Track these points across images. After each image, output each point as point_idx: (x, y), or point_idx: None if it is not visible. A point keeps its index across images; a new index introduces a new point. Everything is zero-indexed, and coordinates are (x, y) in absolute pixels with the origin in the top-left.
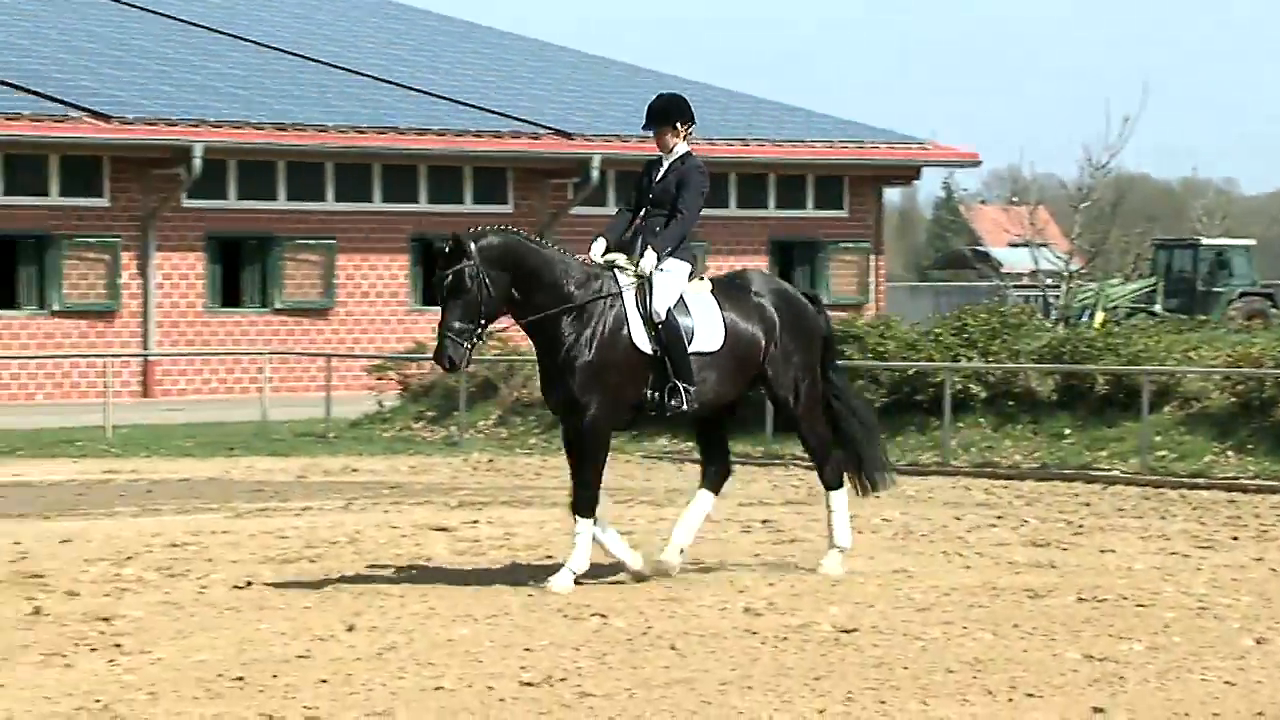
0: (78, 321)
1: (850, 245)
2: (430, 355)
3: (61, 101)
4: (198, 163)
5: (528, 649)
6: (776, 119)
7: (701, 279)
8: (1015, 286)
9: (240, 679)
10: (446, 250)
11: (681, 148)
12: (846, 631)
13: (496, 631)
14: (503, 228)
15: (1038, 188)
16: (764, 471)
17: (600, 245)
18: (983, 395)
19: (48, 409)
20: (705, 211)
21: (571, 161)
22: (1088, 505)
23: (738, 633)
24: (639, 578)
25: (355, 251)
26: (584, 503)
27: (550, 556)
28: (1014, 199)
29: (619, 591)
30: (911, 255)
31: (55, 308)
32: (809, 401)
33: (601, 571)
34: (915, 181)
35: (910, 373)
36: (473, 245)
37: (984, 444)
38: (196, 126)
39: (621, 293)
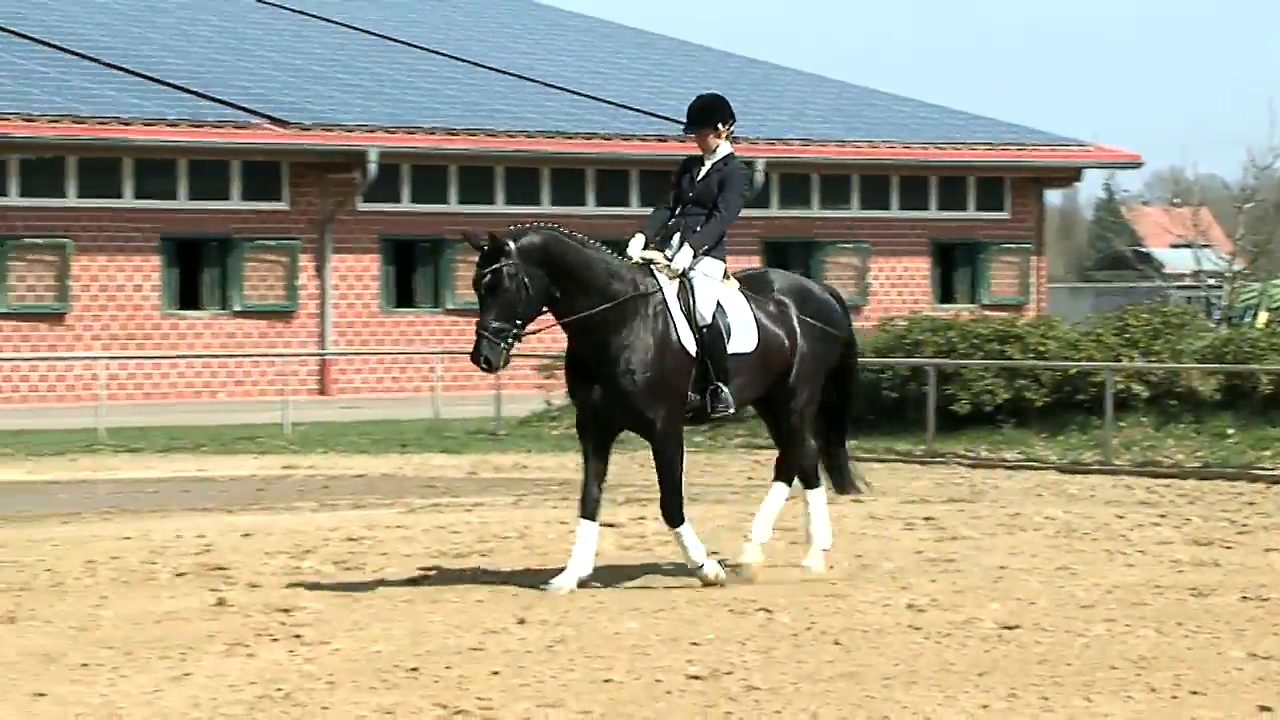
0: (258, 322)
1: (1011, 246)
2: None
3: (242, 108)
4: (372, 167)
5: (694, 643)
6: (938, 121)
7: (729, 278)
8: (1177, 287)
9: (415, 670)
10: (485, 249)
11: (724, 148)
12: (1009, 628)
13: (663, 625)
14: (546, 225)
15: (1200, 189)
16: (926, 470)
17: (639, 242)
18: (1145, 395)
19: (229, 407)
20: (866, 213)
21: None
22: (1251, 504)
23: (901, 629)
24: (580, 584)
25: None
26: (675, 508)
27: (715, 552)
28: (1176, 200)
29: (784, 588)
30: (1072, 256)
31: (236, 308)
32: (811, 405)
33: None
34: (1076, 183)
35: (1072, 372)
36: (511, 244)
37: (1146, 443)
38: (372, 132)
39: (663, 293)
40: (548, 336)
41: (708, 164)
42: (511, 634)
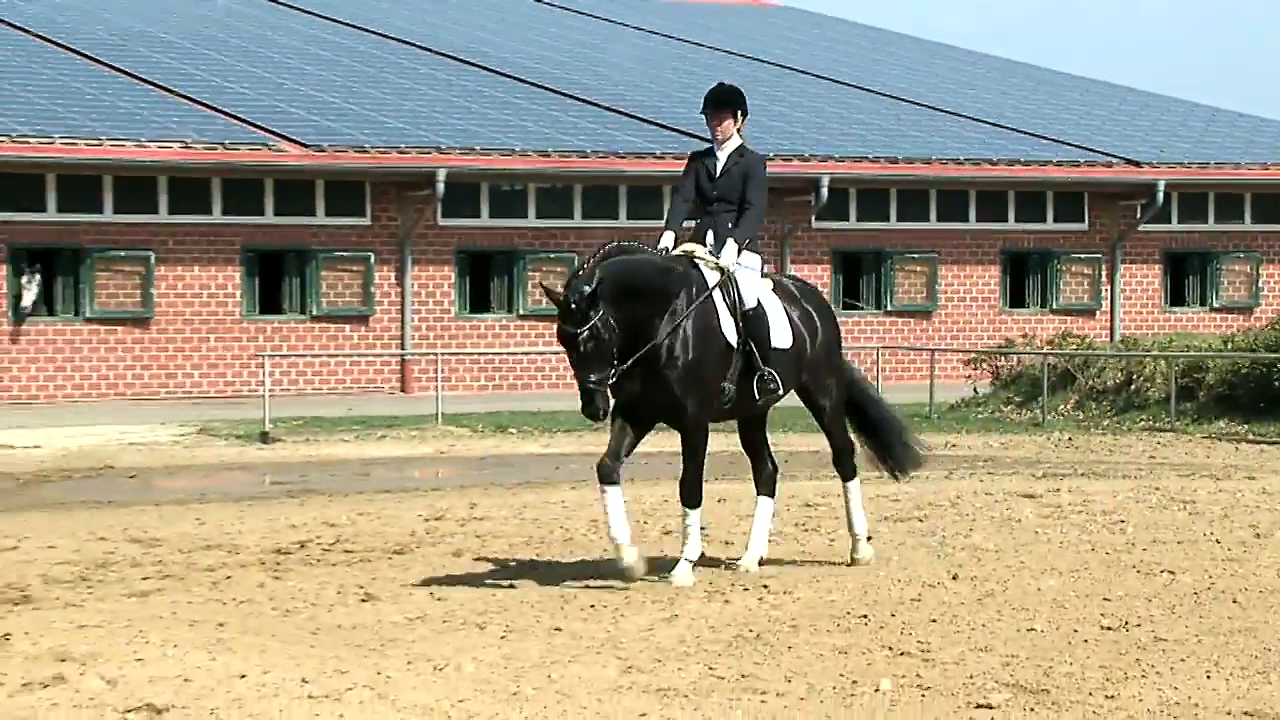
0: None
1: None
2: (582, 410)
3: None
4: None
5: (1106, 599)
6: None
7: (765, 276)
8: None
9: (865, 616)
10: (573, 305)
11: (736, 140)
12: None
13: (1079, 584)
14: (605, 248)
15: None
16: None
17: (670, 237)
18: None
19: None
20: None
21: (1140, 186)
22: None
23: None
24: (627, 573)
25: (953, 264)
26: (694, 493)
27: (1122, 521)
28: None
29: (1184, 551)
30: None
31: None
32: (839, 401)
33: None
34: None
35: None
36: (592, 292)
37: None
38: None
39: (709, 286)
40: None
41: (722, 156)
42: (946, 588)
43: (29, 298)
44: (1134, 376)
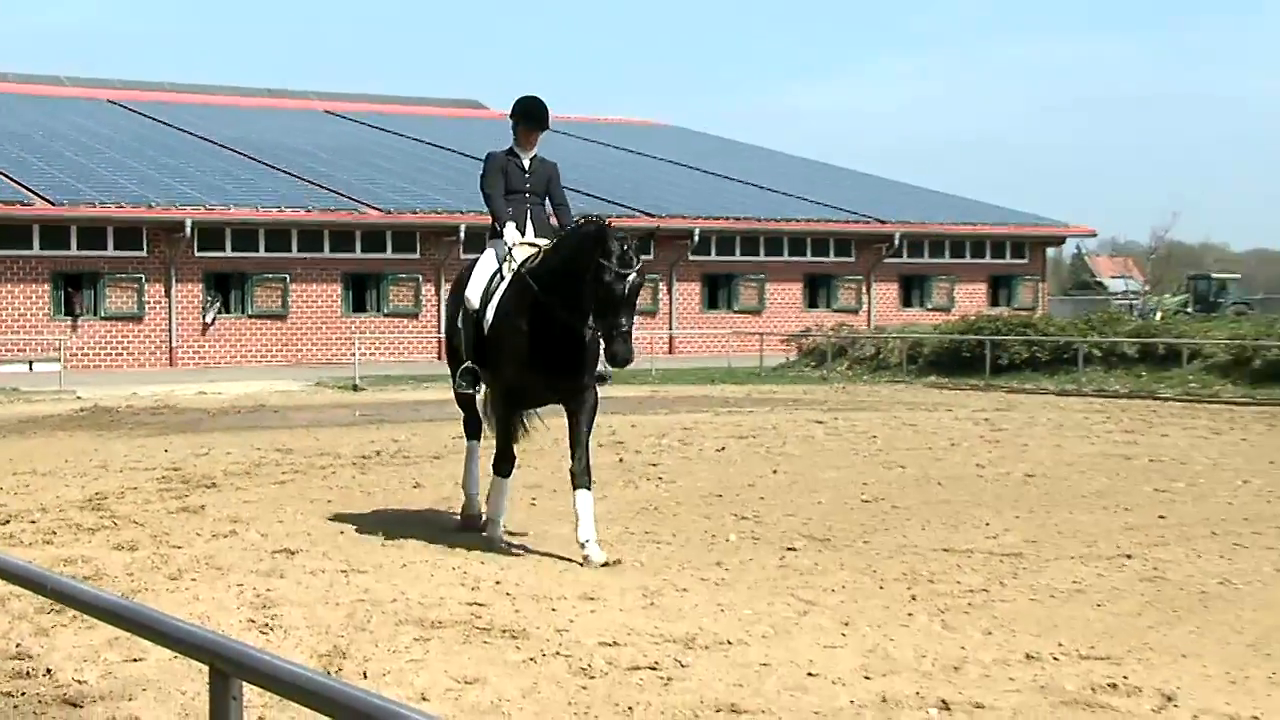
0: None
1: (1029, 278)
2: (617, 357)
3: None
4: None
5: (864, 484)
6: (994, 213)
7: None
8: (1116, 299)
9: (720, 496)
10: (632, 250)
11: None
12: (1029, 476)
13: (848, 474)
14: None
15: (1127, 246)
16: (983, 394)
17: (513, 229)
18: (1099, 354)
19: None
20: (968, 260)
21: (885, 235)
22: (1154, 412)
23: None
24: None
25: (774, 282)
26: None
27: (875, 437)
28: (1114, 253)
29: (910, 454)
30: (1059, 283)
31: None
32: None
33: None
34: (1062, 244)
35: (1061, 342)
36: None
37: (1099, 380)
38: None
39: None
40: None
41: (526, 159)
42: (769, 478)
43: (210, 314)
44: (881, 350)
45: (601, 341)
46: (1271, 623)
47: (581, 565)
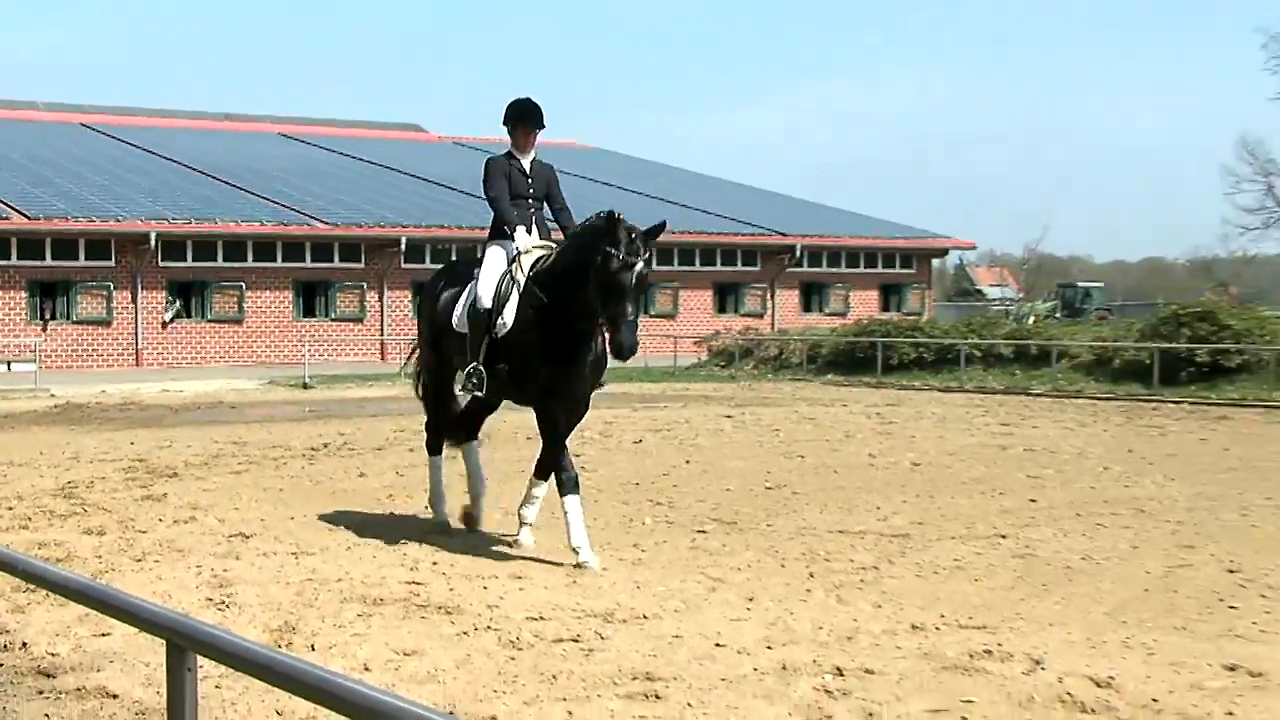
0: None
1: (917, 286)
2: (623, 347)
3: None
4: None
5: (768, 472)
6: (886, 227)
7: None
8: (994, 305)
9: (636, 484)
10: (638, 238)
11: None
12: (916, 464)
13: (753, 464)
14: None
15: (1003, 257)
16: (875, 390)
17: (526, 236)
18: (979, 354)
19: None
20: (868, 271)
21: (787, 246)
22: (1027, 407)
23: None
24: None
25: (686, 290)
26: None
27: (778, 430)
28: (992, 264)
29: (810, 445)
30: (943, 291)
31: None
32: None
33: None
34: (946, 255)
35: (945, 343)
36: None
37: (979, 378)
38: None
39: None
40: None
41: (526, 161)
42: (682, 468)
43: (169, 314)
44: (784, 350)
45: (606, 332)
46: (1127, 594)
47: (576, 568)
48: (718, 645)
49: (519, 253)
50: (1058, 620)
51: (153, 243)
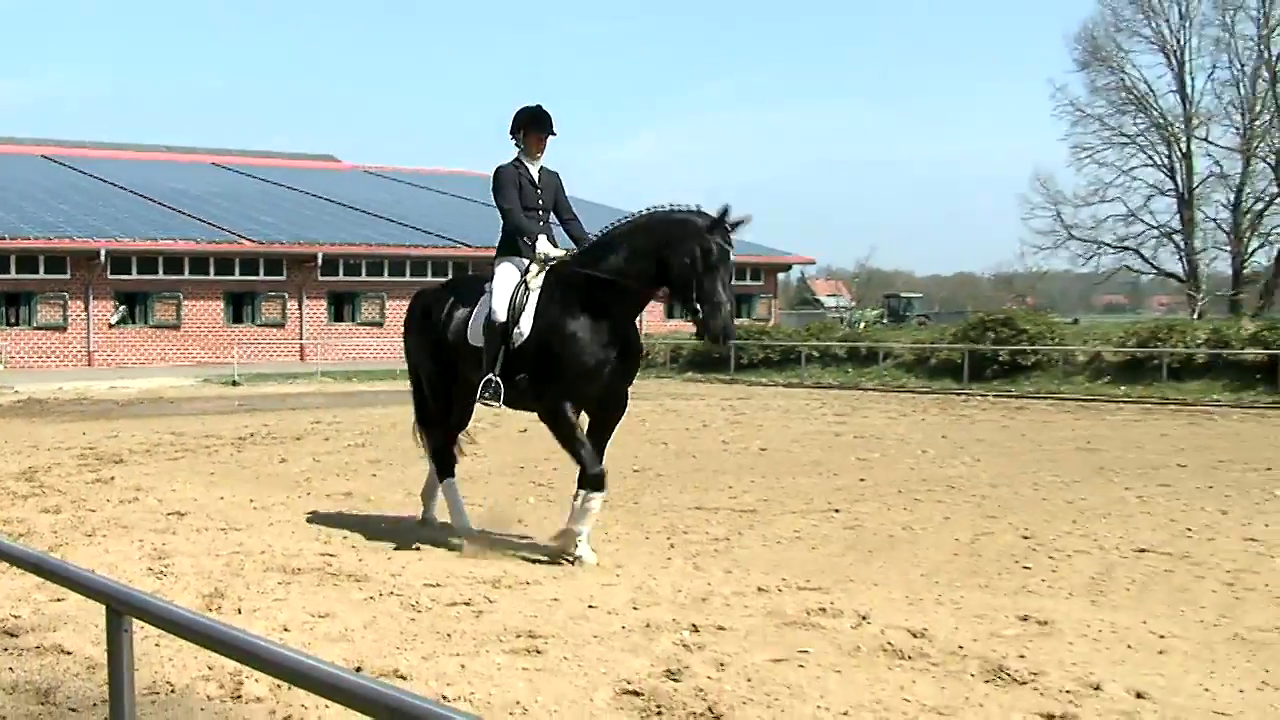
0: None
1: (765, 296)
2: (717, 333)
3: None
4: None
5: (635, 456)
6: (741, 246)
7: None
8: (830, 313)
9: (522, 468)
10: (733, 224)
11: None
12: (763, 450)
13: (621, 451)
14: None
15: (838, 271)
16: (728, 386)
17: (545, 240)
18: (818, 355)
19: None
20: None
21: None
22: (857, 400)
23: None
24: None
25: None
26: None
27: (644, 421)
28: (829, 277)
29: (673, 433)
30: (787, 300)
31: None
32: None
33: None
34: (789, 269)
35: (789, 344)
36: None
37: (818, 375)
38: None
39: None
40: None
41: (535, 170)
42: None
43: (115, 318)
44: (650, 351)
45: (703, 319)
46: (940, 558)
47: (572, 564)
48: (590, 607)
49: (544, 259)
50: (881, 581)
51: (103, 259)
